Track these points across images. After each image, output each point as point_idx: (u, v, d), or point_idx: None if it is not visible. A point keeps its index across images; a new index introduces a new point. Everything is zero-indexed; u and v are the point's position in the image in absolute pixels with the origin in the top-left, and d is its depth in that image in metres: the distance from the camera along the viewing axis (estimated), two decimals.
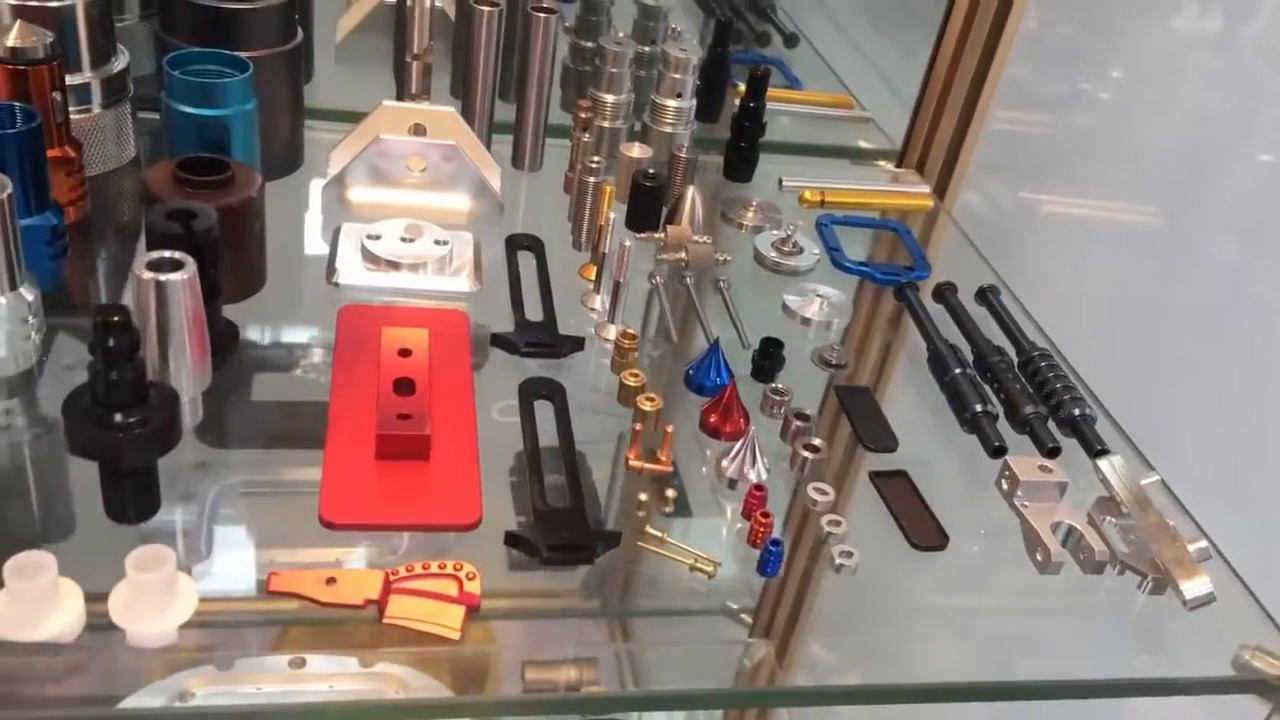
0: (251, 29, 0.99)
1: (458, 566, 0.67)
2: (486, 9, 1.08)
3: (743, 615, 0.81)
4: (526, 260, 1.02)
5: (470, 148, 1.05)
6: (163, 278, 0.70)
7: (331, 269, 0.95)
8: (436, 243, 0.98)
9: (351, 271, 0.95)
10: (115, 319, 0.62)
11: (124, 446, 0.65)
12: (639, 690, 0.85)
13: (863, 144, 1.41)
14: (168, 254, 0.71)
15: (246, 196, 0.86)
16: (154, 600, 0.61)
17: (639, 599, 0.80)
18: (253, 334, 0.88)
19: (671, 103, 1.17)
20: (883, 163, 1.37)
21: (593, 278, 1.00)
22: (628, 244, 0.91)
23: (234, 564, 0.71)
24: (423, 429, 0.76)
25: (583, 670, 0.74)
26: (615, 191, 1.06)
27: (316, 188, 1.05)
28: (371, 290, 0.94)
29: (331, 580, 0.65)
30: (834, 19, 1.77)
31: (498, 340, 0.90)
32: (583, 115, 1.11)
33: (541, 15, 1.08)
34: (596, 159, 1.02)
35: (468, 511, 0.73)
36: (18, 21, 0.88)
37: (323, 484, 0.73)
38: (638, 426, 0.80)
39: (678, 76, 1.16)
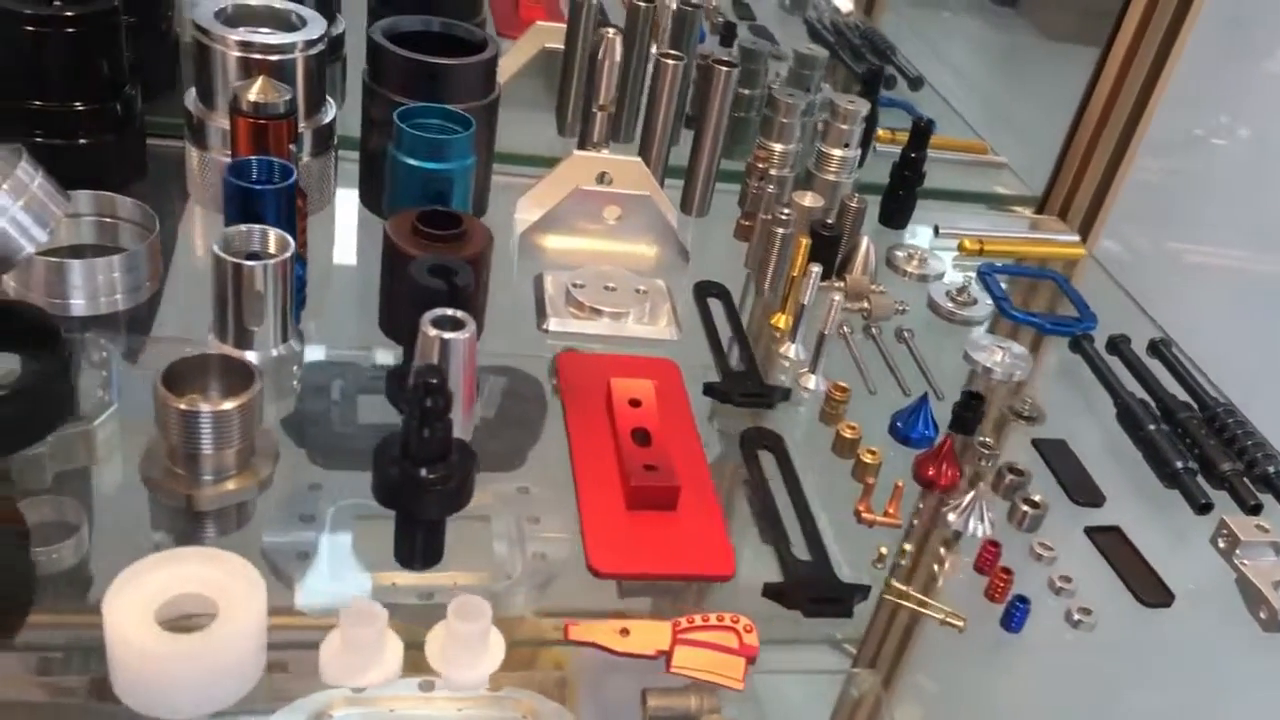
0: (459, 82, 1.02)
1: (734, 619, 0.70)
2: (671, 63, 1.11)
3: (846, 645, 0.82)
4: (714, 307, 1.06)
5: (655, 196, 1.08)
6: (447, 335, 0.73)
7: (542, 315, 0.98)
8: (637, 291, 1.01)
9: (560, 318, 0.98)
10: (434, 381, 0.66)
11: (427, 499, 0.69)
12: None
13: (1000, 190, 1.44)
14: (449, 312, 0.74)
15: (480, 250, 0.89)
16: (469, 648, 0.64)
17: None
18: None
19: (838, 152, 1.20)
20: (1020, 208, 1.41)
21: (782, 326, 1.03)
22: (837, 298, 0.94)
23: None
24: (673, 480, 0.79)
25: (703, 699, 0.76)
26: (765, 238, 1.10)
27: (500, 231, 1.09)
28: (580, 337, 0.98)
29: (625, 631, 0.68)
30: (946, 60, 1.80)
31: (710, 390, 0.93)
32: (760, 165, 1.15)
33: (722, 69, 1.12)
34: (786, 210, 1.05)
35: (724, 563, 0.76)
36: (261, 77, 0.91)
37: (585, 534, 0.76)
38: (871, 480, 0.84)
39: (845, 127, 1.19)
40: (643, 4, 1.25)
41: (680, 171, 1.19)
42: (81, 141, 0.98)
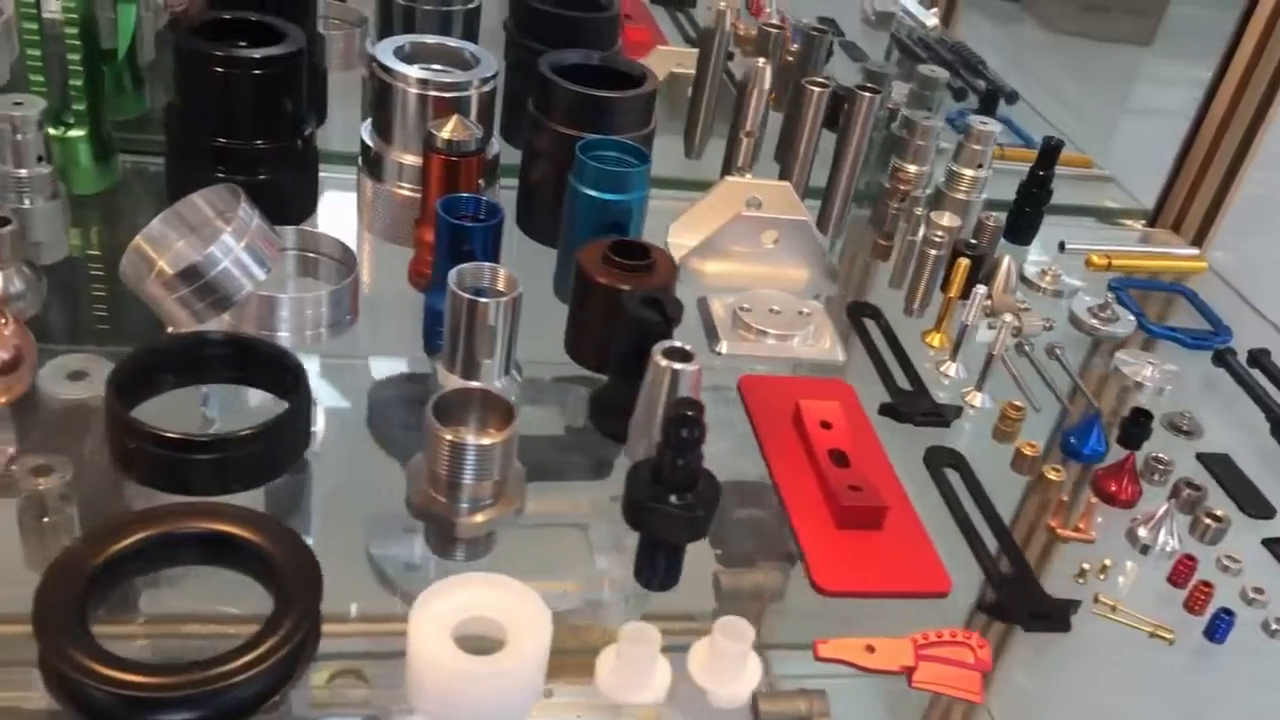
0: (623, 115, 1.06)
1: (967, 635, 0.73)
2: (816, 89, 1.15)
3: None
4: (863, 327, 1.09)
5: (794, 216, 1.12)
6: (678, 366, 0.77)
7: (713, 338, 1.02)
8: (800, 313, 1.05)
9: (731, 341, 1.02)
10: (690, 413, 0.69)
11: (674, 526, 0.72)
12: None
13: (1109, 203, 1.47)
14: (678, 344, 0.78)
15: (669, 279, 0.93)
16: (731, 666, 0.68)
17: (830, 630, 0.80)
18: None
19: (969, 172, 1.23)
20: (1130, 221, 1.44)
21: (936, 345, 1.07)
22: (1008, 319, 0.98)
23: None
24: (880, 500, 0.83)
25: (812, 702, 0.79)
26: (914, 258, 1.13)
27: None
28: (749, 359, 1.01)
29: (871, 648, 0.72)
30: (1033, 73, 1.83)
31: (887, 410, 0.97)
32: (902, 187, 1.18)
33: (866, 95, 1.15)
34: (941, 232, 1.09)
35: (938, 579, 0.80)
36: (454, 116, 0.95)
37: (806, 554, 0.80)
38: (1064, 497, 0.87)
39: (978, 147, 1.22)
40: (773, 30, 1.29)
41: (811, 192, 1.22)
42: (261, 178, 1.02)
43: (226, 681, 0.61)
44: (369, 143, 1.05)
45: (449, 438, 0.70)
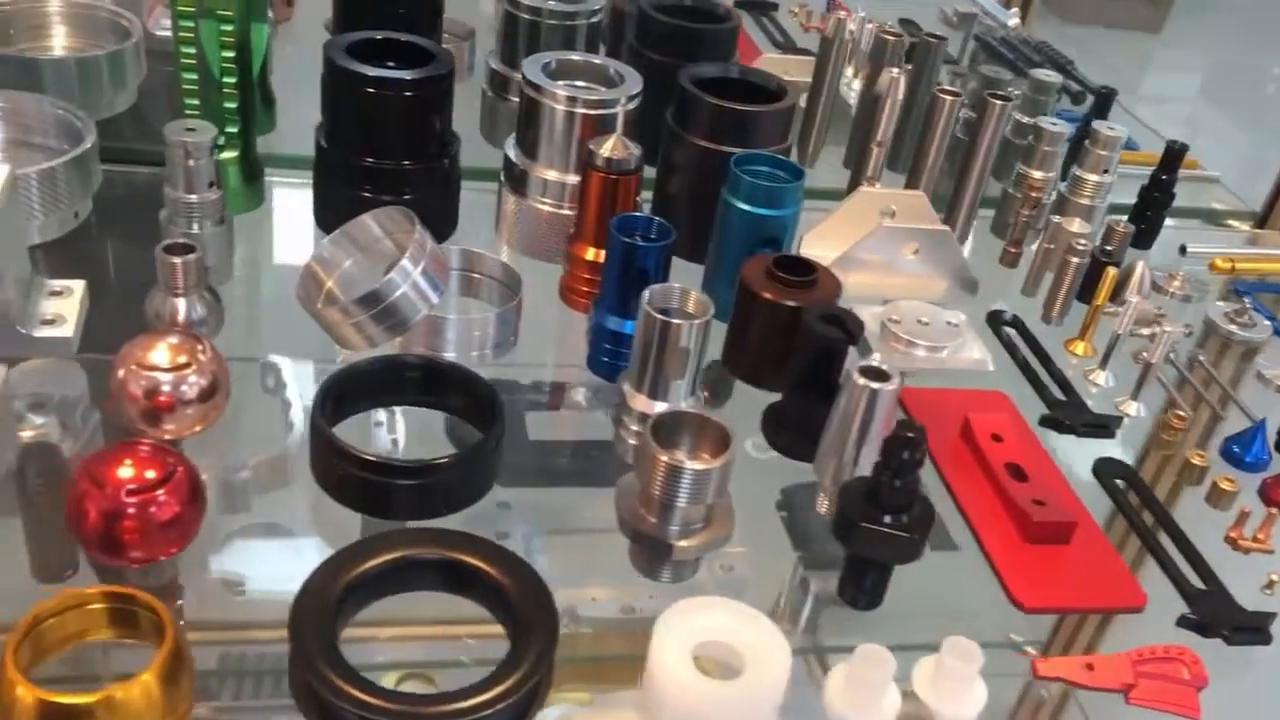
0: (764, 128, 1.06)
1: (1179, 651, 0.74)
2: (949, 98, 1.15)
3: (1027, 649, 0.84)
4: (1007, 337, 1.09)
5: (931, 225, 1.12)
6: (876, 385, 0.77)
7: (864, 351, 1.02)
8: (948, 324, 1.05)
9: (882, 353, 1.02)
10: (913, 436, 0.69)
11: (887, 546, 0.72)
12: None
13: (1216, 205, 1.47)
14: (875, 363, 0.78)
15: (834, 294, 0.93)
16: (957, 686, 0.68)
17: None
18: None
19: (1093, 177, 1.23)
20: (1237, 223, 1.44)
21: (1080, 353, 1.07)
22: (1169, 329, 0.98)
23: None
24: (1068, 514, 0.83)
25: None
26: (1049, 265, 1.13)
27: None
28: (903, 371, 1.01)
29: (1090, 666, 0.72)
30: (1116, 72, 1.83)
31: (1049, 421, 0.97)
32: (1033, 194, 1.18)
33: (997, 102, 1.15)
34: (1083, 241, 1.09)
35: (1133, 593, 0.80)
36: (614, 135, 0.95)
37: (1001, 571, 0.80)
38: (1247, 509, 0.87)
39: (1104, 153, 1.22)
40: (891, 37, 1.29)
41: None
42: (407, 197, 1.02)
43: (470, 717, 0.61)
44: (513, 159, 1.06)
45: (665, 459, 0.71)
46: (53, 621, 0.60)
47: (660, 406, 0.82)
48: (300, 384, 0.91)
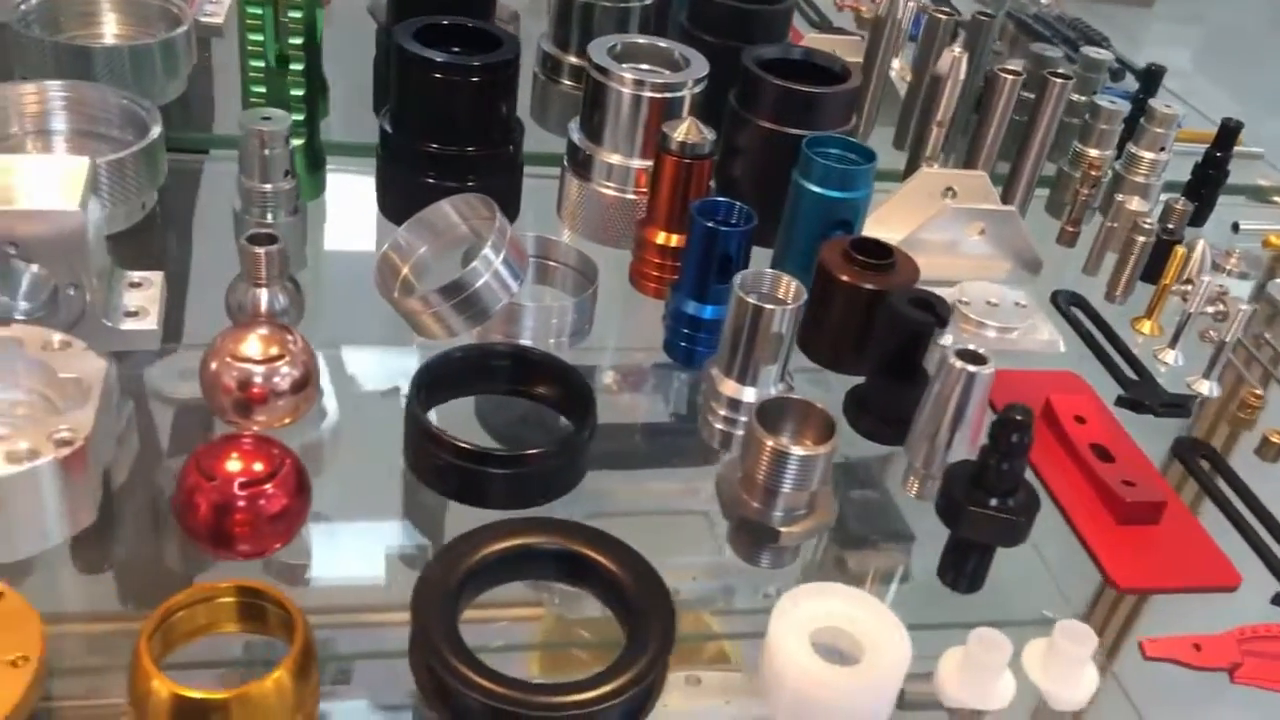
0: (829, 110, 1.05)
1: None
2: (1010, 77, 1.14)
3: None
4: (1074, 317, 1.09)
5: (995, 205, 1.12)
6: (972, 369, 0.77)
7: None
8: (1017, 304, 1.04)
9: (954, 335, 1.01)
10: (1022, 419, 0.69)
11: (991, 528, 0.72)
12: None
13: (1260, 181, 1.47)
14: (971, 347, 0.78)
15: (913, 278, 0.92)
16: (1070, 668, 0.68)
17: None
18: None
19: (1149, 155, 1.23)
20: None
21: (1147, 332, 1.07)
22: (1244, 307, 0.97)
23: None
24: (1158, 494, 0.83)
25: None
26: (1112, 244, 1.13)
27: None
28: None
29: (1198, 646, 0.72)
30: (1146, 49, 1.82)
31: (1126, 402, 0.96)
32: (1093, 173, 1.17)
33: (1058, 81, 1.14)
34: (1149, 220, 1.09)
35: (1227, 573, 0.80)
36: (689, 119, 0.94)
37: (1098, 552, 0.80)
38: None
39: (1161, 131, 1.22)
40: (942, 16, 1.28)
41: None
42: (470, 183, 1.01)
43: (587, 709, 0.61)
44: (577, 142, 1.05)
45: (771, 444, 0.70)
46: (183, 614, 0.59)
47: (749, 392, 0.82)
48: (380, 372, 0.91)
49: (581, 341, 0.93)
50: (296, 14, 0.94)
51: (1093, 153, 1.22)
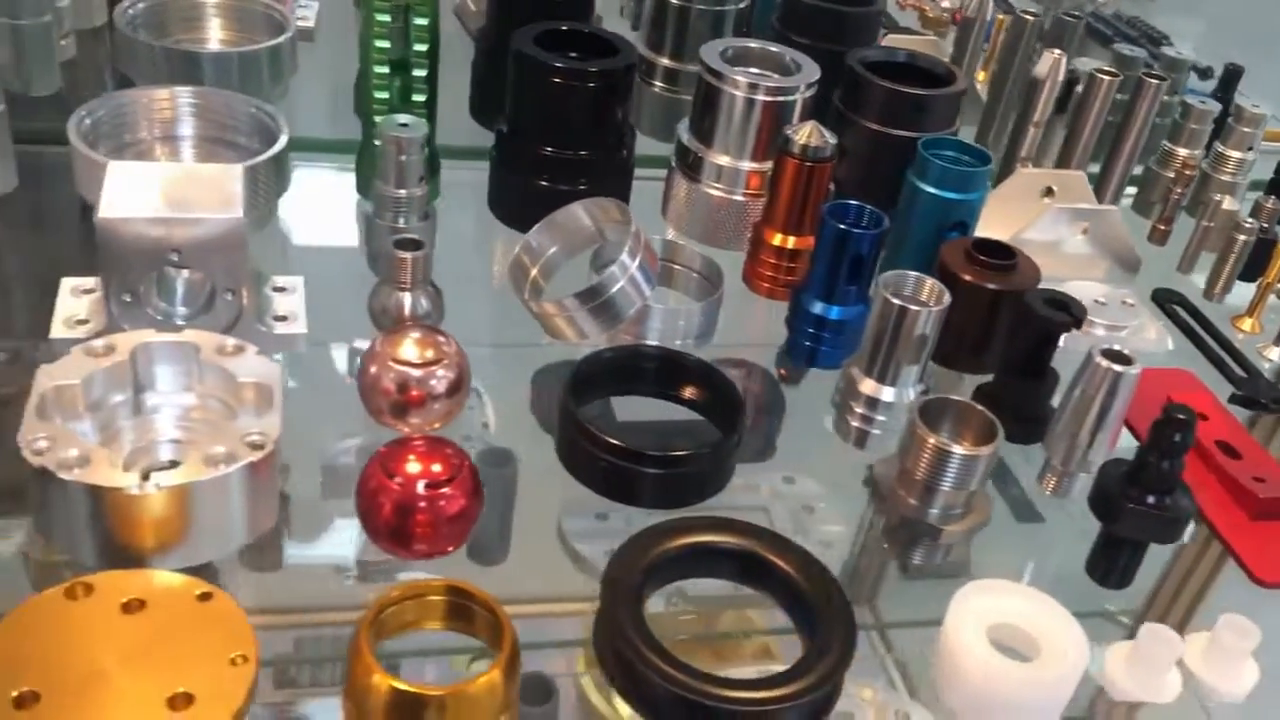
0: (935, 112, 1.06)
1: None
2: (1106, 78, 1.15)
3: (1121, 617, 0.82)
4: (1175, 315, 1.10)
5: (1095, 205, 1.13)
6: (1119, 368, 0.78)
7: None
8: (1124, 304, 1.06)
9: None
10: (1184, 418, 0.70)
11: (1152, 526, 0.74)
12: None
13: None
14: (1116, 347, 0.79)
15: (1035, 278, 0.93)
16: (1232, 662, 0.70)
17: None
18: None
19: (1237, 154, 1.24)
20: None
21: (1247, 329, 1.08)
22: None
23: None
24: None
25: None
26: (1209, 243, 1.14)
27: None
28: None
29: None
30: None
31: (1239, 399, 0.98)
32: (1187, 172, 1.19)
33: (1153, 81, 1.16)
34: (1250, 219, 1.10)
35: None
36: (811, 123, 0.96)
37: (1236, 548, 0.81)
38: None
39: (1248, 130, 1.23)
40: (1030, 17, 1.29)
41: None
42: (582, 186, 1.02)
43: (772, 707, 0.62)
44: (686, 144, 1.06)
45: (934, 442, 0.72)
46: (394, 609, 0.61)
47: (888, 391, 0.83)
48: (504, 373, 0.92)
49: (706, 344, 0.95)
50: (422, 20, 0.95)
51: (1183, 152, 1.23)
